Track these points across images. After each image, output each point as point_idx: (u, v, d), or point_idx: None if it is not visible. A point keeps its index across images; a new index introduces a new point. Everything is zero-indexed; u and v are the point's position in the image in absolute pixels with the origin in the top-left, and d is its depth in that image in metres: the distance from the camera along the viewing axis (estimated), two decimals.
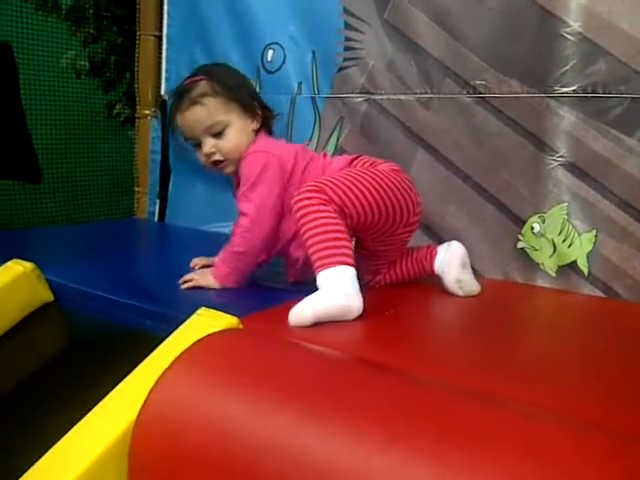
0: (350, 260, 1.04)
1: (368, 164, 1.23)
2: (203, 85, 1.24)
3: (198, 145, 1.26)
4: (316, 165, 1.25)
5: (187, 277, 1.22)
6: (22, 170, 2.32)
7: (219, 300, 1.13)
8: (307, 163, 1.24)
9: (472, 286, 1.27)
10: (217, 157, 1.24)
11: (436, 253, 1.29)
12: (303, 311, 0.97)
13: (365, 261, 1.27)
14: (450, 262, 1.25)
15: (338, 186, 1.08)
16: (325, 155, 1.30)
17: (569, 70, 1.38)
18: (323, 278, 1.01)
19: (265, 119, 1.30)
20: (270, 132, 1.33)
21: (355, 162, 1.24)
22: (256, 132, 1.28)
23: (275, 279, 1.32)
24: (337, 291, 1.00)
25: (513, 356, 0.96)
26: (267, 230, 1.18)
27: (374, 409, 0.68)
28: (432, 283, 1.31)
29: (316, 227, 1.04)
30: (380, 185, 1.13)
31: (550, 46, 1.41)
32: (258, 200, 1.18)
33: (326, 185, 1.07)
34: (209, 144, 1.23)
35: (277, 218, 1.20)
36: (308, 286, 1.12)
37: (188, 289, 1.20)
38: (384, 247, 1.26)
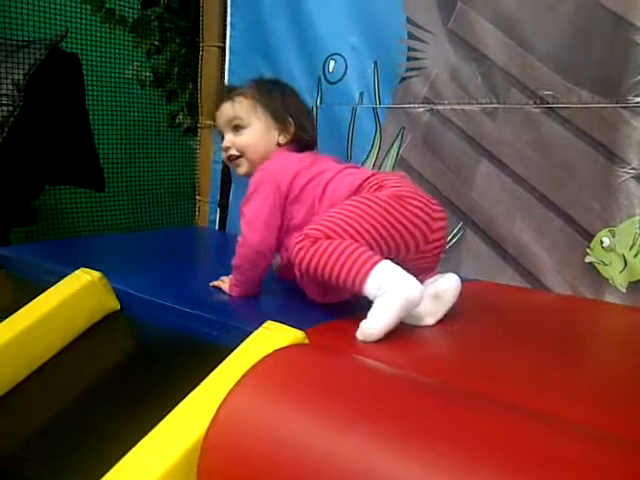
0: (378, 257, 1.00)
1: (374, 189, 1.16)
2: (245, 87, 1.32)
3: (223, 138, 1.32)
4: (318, 184, 1.20)
5: (218, 282, 1.28)
6: (87, 178, 2.39)
7: (284, 312, 1.13)
8: (308, 181, 1.21)
9: (417, 318, 1.08)
10: (232, 152, 1.29)
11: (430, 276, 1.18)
12: (369, 330, 0.96)
13: None
14: (427, 285, 1.12)
15: (335, 231, 1.06)
16: (339, 172, 1.23)
17: None
18: (370, 289, 0.98)
19: (298, 137, 1.31)
20: (303, 150, 1.32)
21: (363, 186, 1.18)
22: (281, 146, 1.30)
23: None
24: (391, 297, 0.97)
25: (579, 378, 0.93)
26: (255, 245, 1.18)
27: (448, 435, 0.67)
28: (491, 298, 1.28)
29: (326, 257, 1.02)
30: (377, 221, 1.08)
31: (623, 54, 1.36)
32: (248, 216, 1.20)
33: (321, 231, 1.06)
34: (228, 138, 1.30)
35: (270, 233, 1.19)
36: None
37: (214, 287, 1.28)
38: None
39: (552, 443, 0.64)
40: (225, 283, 1.27)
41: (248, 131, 1.28)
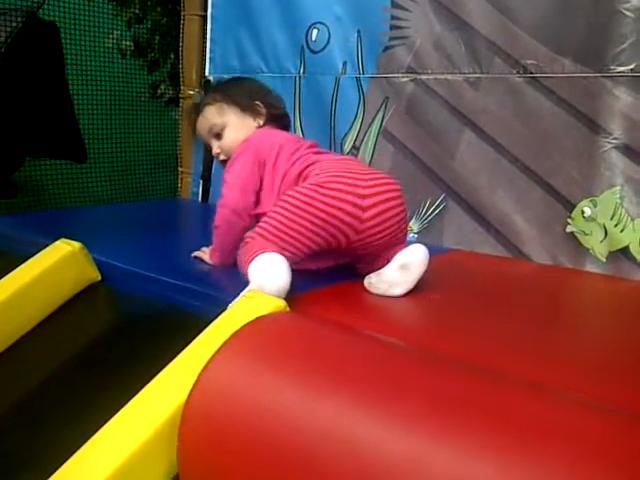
0: (259, 252, 1.05)
1: (301, 181, 1.19)
2: (205, 98, 1.41)
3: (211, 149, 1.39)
4: (286, 160, 1.24)
5: (199, 252, 1.32)
6: (68, 149, 2.36)
7: None
8: (278, 157, 1.24)
9: (381, 288, 1.12)
10: (222, 157, 1.36)
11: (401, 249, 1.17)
12: None
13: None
14: (395, 257, 1.13)
15: (266, 233, 1.12)
16: (311, 146, 1.28)
17: (627, 48, 1.34)
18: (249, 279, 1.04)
19: (271, 115, 1.37)
20: (282, 126, 1.39)
21: (301, 175, 1.20)
22: (261, 127, 1.35)
23: None
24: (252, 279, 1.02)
25: (560, 346, 0.95)
26: (232, 204, 1.23)
27: (428, 397, 0.67)
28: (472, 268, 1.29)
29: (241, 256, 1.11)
30: (299, 216, 1.11)
31: (606, 23, 1.36)
32: (228, 180, 1.27)
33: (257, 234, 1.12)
34: (215, 146, 1.36)
35: (246, 194, 1.24)
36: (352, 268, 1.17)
37: (196, 258, 1.31)
38: (356, 254, 1.20)
39: (534, 408, 0.66)
40: (206, 253, 1.29)
41: (226, 132, 1.34)
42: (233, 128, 1.34)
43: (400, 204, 1.16)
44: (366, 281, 1.13)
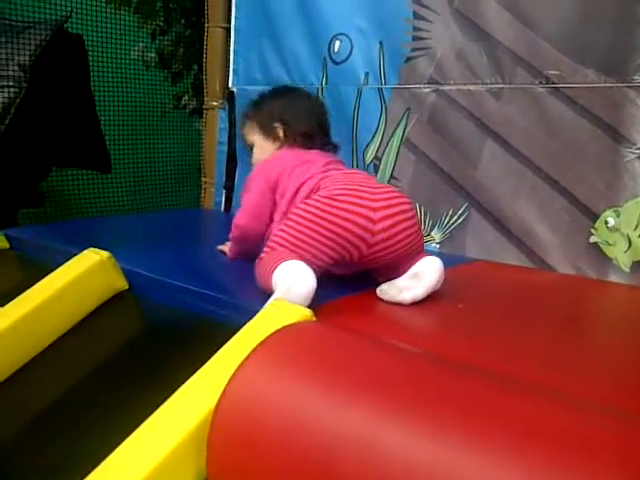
0: (280, 261, 1.06)
1: (314, 193, 1.20)
2: (247, 109, 1.48)
3: None
4: (291, 182, 1.26)
5: (223, 246, 1.44)
6: (93, 159, 2.39)
7: None
8: (286, 179, 1.27)
9: (391, 294, 1.12)
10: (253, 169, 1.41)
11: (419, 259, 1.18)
12: None
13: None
14: (412, 270, 1.15)
15: (280, 244, 1.13)
16: (327, 164, 1.29)
17: None
18: (273, 288, 1.04)
19: (294, 135, 1.37)
20: (306, 143, 1.37)
21: (313, 189, 1.22)
22: (281, 148, 1.38)
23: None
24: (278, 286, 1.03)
25: (583, 354, 0.96)
26: (241, 228, 1.33)
27: (453, 406, 0.68)
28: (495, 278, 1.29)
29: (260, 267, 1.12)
30: (310, 229, 1.11)
31: (630, 33, 1.36)
32: (243, 204, 1.35)
33: (268, 247, 1.15)
34: (251, 156, 1.45)
35: (255, 221, 1.31)
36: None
37: (221, 252, 1.44)
38: (369, 267, 1.20)
39: (558, 417, 0.66)
40: (227, 246, 1.40)
41: (254, 149, 1.43)
42: (257, 148, 1.42)
43: (411, 217, 1.16)
44: (378, 289, 1.14)
